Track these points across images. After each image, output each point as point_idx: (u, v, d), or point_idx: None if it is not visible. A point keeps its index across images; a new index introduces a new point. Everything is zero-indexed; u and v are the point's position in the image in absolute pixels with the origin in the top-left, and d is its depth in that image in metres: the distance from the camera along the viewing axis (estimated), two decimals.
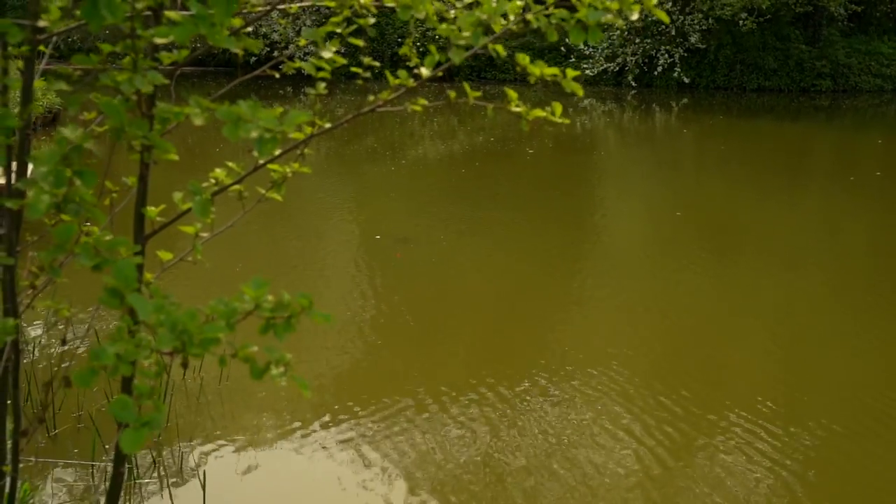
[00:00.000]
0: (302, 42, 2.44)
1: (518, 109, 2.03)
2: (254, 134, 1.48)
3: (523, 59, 1.94)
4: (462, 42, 1.84)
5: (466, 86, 2.09)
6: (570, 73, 1.98)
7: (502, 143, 15.34)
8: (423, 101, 2.00)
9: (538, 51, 23.89)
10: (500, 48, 1.91)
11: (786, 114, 20.71)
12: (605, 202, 11.60)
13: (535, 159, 13.94)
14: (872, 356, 5.99)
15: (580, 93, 1.99)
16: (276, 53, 21.62)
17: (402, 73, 1.89)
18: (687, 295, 7.23)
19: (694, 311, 6.85)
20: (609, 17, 1.83)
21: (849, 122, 20.26)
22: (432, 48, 1.86)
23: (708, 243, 9.05)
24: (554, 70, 1.96)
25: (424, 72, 1.91)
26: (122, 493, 1.98)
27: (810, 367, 5.83)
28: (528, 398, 5.07)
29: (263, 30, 22.26)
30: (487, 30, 1.87)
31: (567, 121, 2.08)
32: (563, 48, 24.18)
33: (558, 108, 2.06)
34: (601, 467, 4.32)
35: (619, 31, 23.50)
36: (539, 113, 2.03)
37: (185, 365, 1.65)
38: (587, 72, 23.51)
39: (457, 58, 1.84)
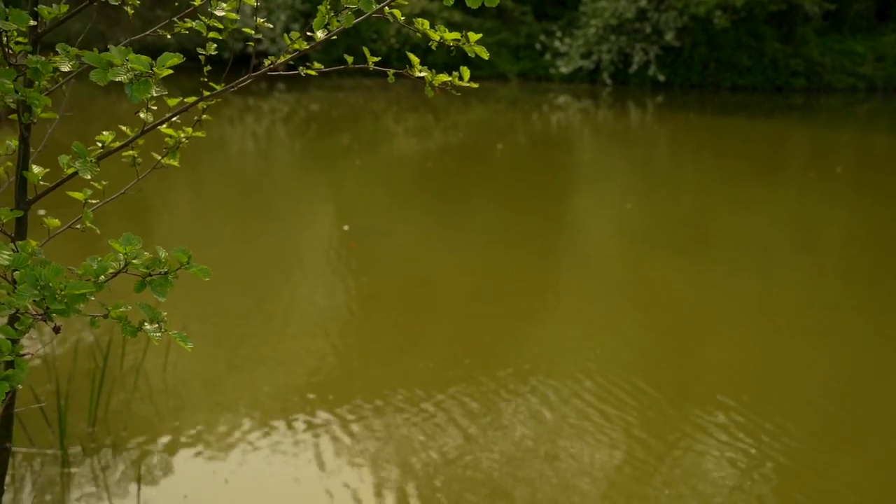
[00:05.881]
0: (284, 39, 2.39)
1: (422, 75, 1.99)
2: (123, 77, 1.45)
3: (422, 23, 1.92)
4: (353, 5, 1.83)
5: (391, 72, 2.04)
6: (473, 36, 1.95)
7: (475, 139, 15.33)
8: (319, 66, 1.97)
9: (513, 48, 23.91)
10: (397, 13, 1.89)
11: (760, 112, 20.80)
12: (577, 197, 11.60)
13: (505, 155, 13.93)
14: (846, 351, 5.99)
15: (485, 55, 1.96)
16: (250, 47, 21.49)
17: (294, 34, 1.86)
18: (662, 290, 7.22)
19: (669, 306, 6.83)
20: None
21: (822, 121, 20.37)
22: (322, 8, 1.83)
23: (682, 239, 9.06)
24: (455, 35, 1.94)
25: (319, 35, 1.89)
26: (9, 471, 1.93)
27: (785, 362, 5.82)
28: (500, 395, 5.01)
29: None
30: None
31: (476, 85, 2.05)
32: (538, 45, 24.20)
33: (466, 72, 2.03)
34: (576, 465, 4.27)
35: (594, 29, 23.53)
36: (444, 77, 1.99)
37: (56, 329, 1.60)
38: (562, 69, 23.53)
39: (347, 22, 1.83)
